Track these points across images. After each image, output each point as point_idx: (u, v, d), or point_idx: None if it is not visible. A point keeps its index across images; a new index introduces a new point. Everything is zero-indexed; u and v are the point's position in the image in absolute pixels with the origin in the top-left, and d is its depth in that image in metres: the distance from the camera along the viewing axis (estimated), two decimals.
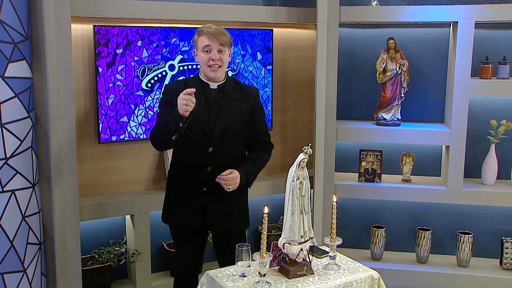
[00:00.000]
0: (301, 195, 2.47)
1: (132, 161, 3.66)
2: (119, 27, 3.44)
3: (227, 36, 2.75)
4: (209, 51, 2.72)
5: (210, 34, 2.70)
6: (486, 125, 3.91)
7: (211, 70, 2.74)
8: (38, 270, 2.99)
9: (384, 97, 3.98)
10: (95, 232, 3.62)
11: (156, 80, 3.63)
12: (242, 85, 2.94)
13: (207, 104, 2.77)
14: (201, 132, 2.74)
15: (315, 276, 2.51)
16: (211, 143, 2.75)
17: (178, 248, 2.98)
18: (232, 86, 2.85)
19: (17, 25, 2.78)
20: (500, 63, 3.78)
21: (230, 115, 2.78)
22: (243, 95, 2.84)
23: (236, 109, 2.80)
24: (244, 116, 2.83)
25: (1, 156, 2.74)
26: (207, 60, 2.72)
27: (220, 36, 2.71)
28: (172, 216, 2.91)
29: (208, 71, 2.75)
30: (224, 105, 2.78)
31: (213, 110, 2.77)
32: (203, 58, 2.74)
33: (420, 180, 4.07)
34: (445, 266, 3.98)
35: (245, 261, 2.44)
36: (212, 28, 2.73)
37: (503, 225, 4.04)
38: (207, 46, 2.71)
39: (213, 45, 2.70)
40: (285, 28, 4.08)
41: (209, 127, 2.75)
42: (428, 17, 3.76)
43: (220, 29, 2.75)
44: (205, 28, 2.73)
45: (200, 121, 2.73)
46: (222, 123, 2.76)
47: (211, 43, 2.70)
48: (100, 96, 3.45)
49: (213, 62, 2.72)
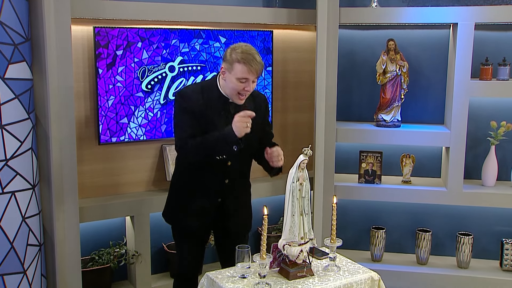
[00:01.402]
0: (301, 196, 2.47)
1: (132, 162, 3.66)
2: (119, 29, 3.44)
3: (262, 66, 2.65)
4: (245, 81, 2.62)
5: (251, 66, 2.57)
6: (486, 126, 3.91)
7: (239, 98, 2.67)
8: (38, 271, 2.98)
9: (384, 99, 3.98)
10: (95, 233, 3.62)
11: (156, 82, 3.63)
12: (254, 94, 2.84)
13: (226, 116, 2.70)
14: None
15: (315, 277, 2.51)
16: (230, 157, 2.72)
17: (180, 248, 2.97)
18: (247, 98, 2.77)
19: (17, 27, 2.78)
20: (500, 64, 3.78)
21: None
22: (257, 104, 2.80)
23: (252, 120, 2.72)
24: (258, 126, 2.79)
25: (1, 158, 2.74)
26: (240, 90, 2.63)
27: (258, 67, 2.60)
28: (179, 218, 2.89)
29: (236, 98, 2.67)
30: None
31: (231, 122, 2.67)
32: (236, 85, 2.62)
33: (420, 181, 4.07)
34: (445, 267, 3.98)
35: (245, 262, 2.44)
36: (251, 57, 2.58)
37: (503, 226, 4.04)
38: (245, 78, 2.60)
39: (251, 77, 2.61)
40: (285, 30, 4.08)
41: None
42: (428, 18, 3.76)
43: (258, 58, 2.61)
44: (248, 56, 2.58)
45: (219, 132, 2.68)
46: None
47: (250, 76, 2.60)
48: (100, 97, 3.45)
49: (245, 92, 2.65)
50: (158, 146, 3.73)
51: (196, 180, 2.80)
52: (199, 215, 2.84)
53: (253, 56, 2.60)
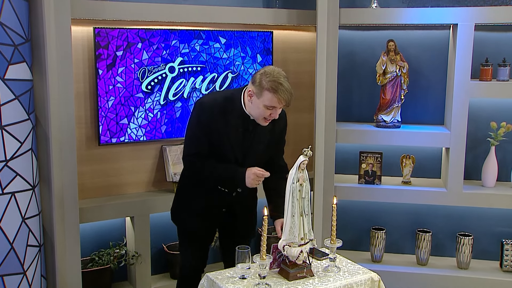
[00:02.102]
0: (301, 197, 2.47)
1: (132, 163, 3.66)
2: (119, 29, 3.45)
3: (292, 95, 2.58)
4: (272, 108, 2.59)
5: (281, 97, 2.53)
6: (486, 127, 3.91)
7: (265, 122, 2.66)
8: (38, 272, 2.98)
9: (384, 99, 3.98)
10: (95, 234, 3.62)
11: (156, 82, 3.63)
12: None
13: (244, 132, 2.71)
14: (234, 159, 2.72)
15: (315, 278, 2.51)
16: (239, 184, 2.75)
17: (184, 249, 2.97)
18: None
19: (18, 27, 2.79)
20: (500, 65, 3.78)
21: (263, 144, 2.76)
22: (275, 124, 2.77)
23: (269, 138, 2.77)
24: (274, 142, 2.82)
25: (1, 158, 2.74)
26: (266, 115, 2.61)
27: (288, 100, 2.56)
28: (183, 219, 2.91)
29: (262, 121, 2.65)
30: (259, 135, 2.74)
31: (248, 139, 2.73)
32: (263, 112, 2.59)
33: (420, 182, 4.07)
34: (445, 268, 3.97)
35: (245, 263, 2.44)
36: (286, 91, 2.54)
37: (503, 227, 4.04)
38: (273, 106, 2.57)
39: (279, 106, 2.58)
40: (285, 30, 4.08)
41: (242, 156, 2.73)
42: (428, 19, 3.76)
43: (289, 88, 2.56)
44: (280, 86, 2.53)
45: (234, 148, 2.71)
46: (254, 154, 2.75)
47: (279, 105, 2.57)
48: (100, 98, 3.45)
49: (271, 117, 2.63)
50: (158, 147, 3.73)
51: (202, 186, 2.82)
52: (204, 218, 2.86)
53: (283, 86, 2.54)
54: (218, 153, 2.70)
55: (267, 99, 2.55)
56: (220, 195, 2.81)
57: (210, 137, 2.67)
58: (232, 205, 2.87)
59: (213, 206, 2.84)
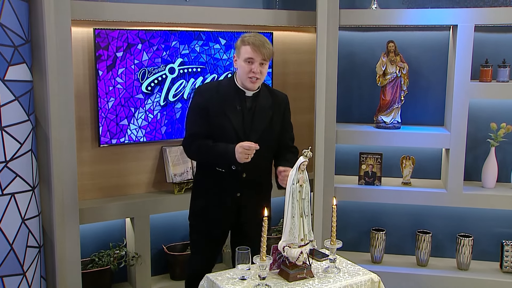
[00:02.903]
0: (301, 198, 2.47)
1: (132, 164, 3.66)
2: (119, 30, 3.45)
3: (270, 50, 2.74)
4: (252, 63, 2.72)
5: (255, 46, 2.69)
6: (486, 128, 3.91)
7: (250, 81, 2.76)
8: (37, 273, 2.98)
9: (384, 100, 3.98)
10: (95, 235, 3.62)
11: (156, 83, 3.63)
12: (274, 91, 2.99)
13: (243, 110, 2.80)
14: (236, 138, 2.76)
15: (315, 279, 2.51)
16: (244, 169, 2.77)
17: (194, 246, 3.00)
18: (266, 93, 2.88)
19: (18, 28, 2.79)
20: (500, 66, 3.78)
21: (264, 123, 2.83)
22: (275, 102, 2.89)
23: (270, 117, 2.84)
24: (276, 123, 2.88)
25: (1, 159, 2.74)
26: (248, 72, 2.73)
27: (264, 49, 2.70)
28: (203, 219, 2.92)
29: (247, 82, 2.76)
30: (259, 113, 2.82)
31: (248, 117, 2.80)
32: (244, 68, 2.74)
33: (420, 183, 4.07)
34: (445, 269, 3.97)
35: (245, 264, 2.44)
36: (257, 39, 2.71)
37: (503, 228, 4.04)
38: (250, 58, 2.71)
39: (256, 58, 2.70)
40: (285, 31, 4.08)
41: (244, 134, 2.78)
42: (428, 20, 3.76)
43: (264, 41, 2.73)
44: (251, 38, 2.72)
45: (235, 127, 2.77)
46: (257, 131, 2.80)
47: (255, 56, 2.70)
48: (100, 99, 3.45)
49: (254, 75, 2.73)
50: (158, 148, 3.73)
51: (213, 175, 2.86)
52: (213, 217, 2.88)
53: (258, 38, 2.72)
54: (221, 134, 2.77)
55: (244, 52, 2.72)
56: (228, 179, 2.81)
57: (210, 119, 2.77)
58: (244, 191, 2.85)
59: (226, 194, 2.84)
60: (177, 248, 3.86)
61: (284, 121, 2.95)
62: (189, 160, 3.72)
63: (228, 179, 2.82)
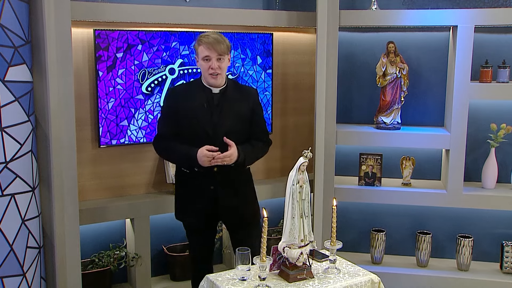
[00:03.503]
0: (301, 198, 2.47)
1: (132, 165, 3.66)
2: (120, 31, 3.45)
3: (224, 44, 2.85)
4: (209, 60, 2.83)
5: (209, 44, 2.81)
6: (486, 128, 3.91)
7: (212, 78, 2.87)
8: (37, 274, 2.98)
9: (384, 101, 3.98)
10: (95, 235, 3.62)
11: (156, 84, 3.63)
12: (242, 86, 3.10)
13: (210, 108, 2.89)
14: (205, 135, 2.86)
15: (315, 279, 2.51)
16: (216, 146, 2.83)
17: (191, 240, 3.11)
18: (233, 89, 2.97)
19: (18, 29, 2.79)
20: (500, 67, 3.78)
21: (232, 118, 2.91)
22: (243, 97, 2.98)
23: (238, 111, 2.93)
24: (245, 117, 2.96)
25: (1, 160, 2.74)
26: (207, 69, 2.85)
27: (217, 46, 2.81)
28: (184, 214, 3.04)
29: (209, 78, 2.88)
30: (226, 108, 2.90)
31: (216, 113, 2.89)
32: (203, 66, 2.86)
33: (420, 183, 4.07)
34: (445, 270, 3.97)
35: (245, 265, 2.44)
36: (210, 38, 2.82)
37: (503, 228, 4.04)
38: (206, 56, 2.83)
39: (211, 55, 2.82)
40: (285, 32, 4.08)
41: (212, 130, 2.86)
42: (428, 21, 3.76)
43: (218, 38, 2.84)
44: (204, 38, 2.84)
45: (204, 125, 2.86)
46: (225, 126, 2.88)
47: (210, 53, 2.82)
48: (100, 100, 3.45)
49: (213, 71, 2.84)
50: None
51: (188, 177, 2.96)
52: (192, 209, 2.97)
53: (212, 36, 2.83)
54: (191, 132, 2.88)
55: (200, 51, 2.84)
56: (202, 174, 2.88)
57: (179, 118, 2.89)
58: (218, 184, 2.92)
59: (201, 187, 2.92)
60: (177, 249, 3.86)
61: (254, 115, 3.01)
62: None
63: (201, 174, 2.89)
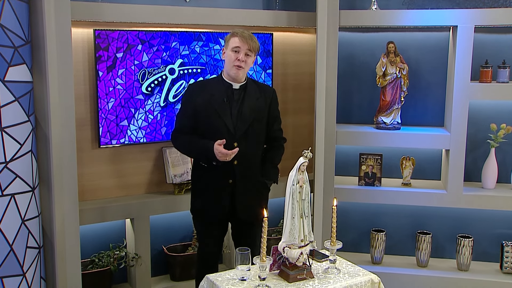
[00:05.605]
0: (301, 199, 2.47)
1: (132, 165, 3.66)
2: (120, 31, 3.45)
3: (256, 43, 2.99)
4: (238, 51, 2.94)
5: (243, 37, 2.94)
6: (486, 129, 3.91)
7: (236, 69, 2.96)
8: (37, 274, 2.98)
9: (384, 101, 3.98)
10: (95, 236, 3.62)
11: (156, 84, 3.63)
12: (261, 84, 3.21)
13: (230, 103, 2.99)
14: (225, 130, 2.93)
15: (315, 280, 2.51)
16: (236, 140, 2.93)
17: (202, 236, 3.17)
18: (252, 86, 3.07)
19: (18, 29, 2.79)
20: (500, 67, 3.78)
21: (252, 113, 3.00)
22: (262, 94, 3.09)
23: (257, 107, 3.03)
24: (263, 113, 3.06)
25: (1, 160, 2.74)
26: (234, 59, 2.94)
27: (250, 41, 2.95)
28: (200, 207, 3.08)
29: (233, 70, 2.96)
30: (246, 104, 3.00)
31: (236, 108, 2.98)
32: (231, 56, 2.96)
33: (420, 184, 4.07)
34: (445, 270, 3.97)
35: (245, 265, 2.44)
36: (245, 33, 2.97)
37: (503, 229, 4.04)
38: (237, 47, 2.94)
39: (242, 47, 2.94)
40: (285, 32, 4.09)
41: (233, 125, 2.95)
42: (428, 21, 3.76)
43: (252, 35, 2.99)
44: (240, 31, 2.98)
45: (224, 119, 2.94)
46: (245, 121, 2.98)
47: (241, 45, 2.94)
48: (100, 100, 3.45)
49: (239, 63, 2.94)
50: (158, 149, 3.73)
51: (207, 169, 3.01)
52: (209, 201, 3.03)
53: (247, 32, 2.98)
54: (211, 126, 2.96)
55: (232, 42, 2.96)
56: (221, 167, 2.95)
57: (199, 113, 2.97)
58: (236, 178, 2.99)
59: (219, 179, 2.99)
60: (177, 249, 3.86)
61: (271, 112, 3.12)
62: (189, 161, 3.71)
63: (221, 167, 2.95)
